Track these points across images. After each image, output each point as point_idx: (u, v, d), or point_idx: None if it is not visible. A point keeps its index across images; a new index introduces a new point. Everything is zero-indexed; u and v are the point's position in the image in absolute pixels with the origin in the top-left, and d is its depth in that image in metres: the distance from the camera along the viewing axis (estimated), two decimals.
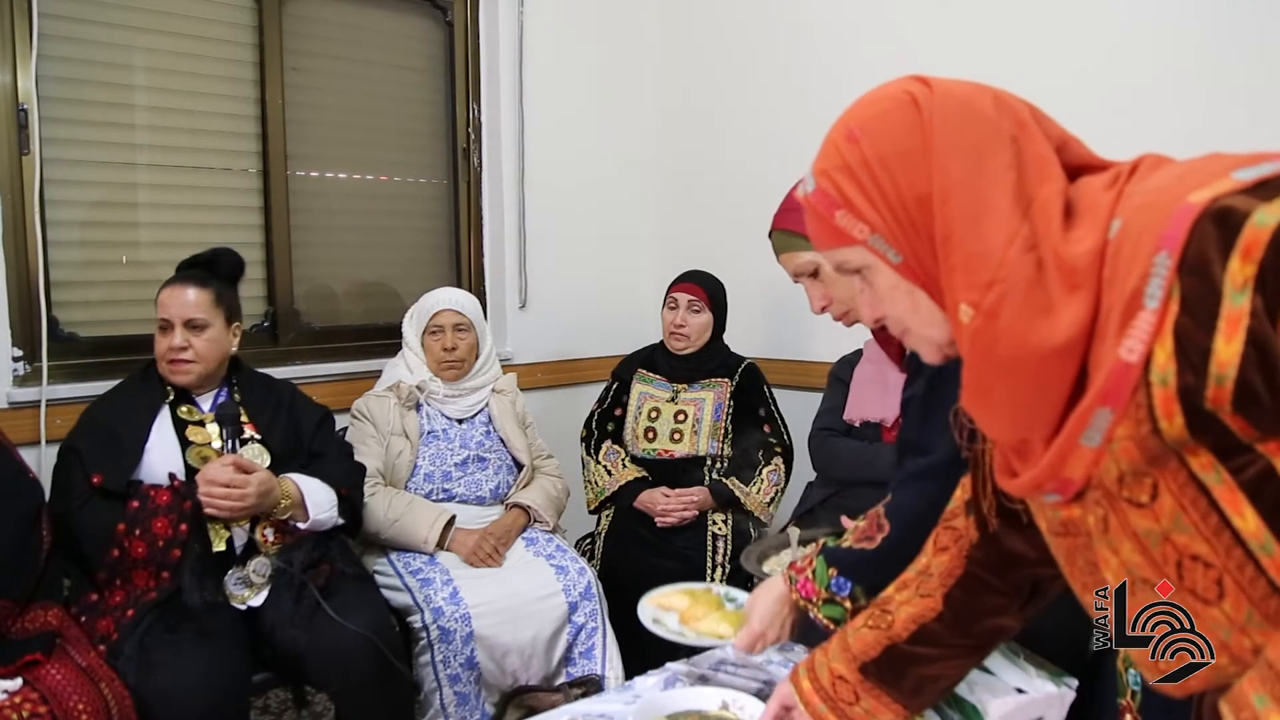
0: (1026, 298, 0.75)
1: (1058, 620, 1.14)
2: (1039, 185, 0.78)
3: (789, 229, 1.61)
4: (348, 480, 2.19)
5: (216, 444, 2.06)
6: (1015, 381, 0.76)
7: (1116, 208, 0.73)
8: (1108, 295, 0.70)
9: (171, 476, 1.96)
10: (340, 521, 2.15)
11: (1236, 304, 0.61)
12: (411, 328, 2.61)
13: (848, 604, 1.28)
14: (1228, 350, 0.62)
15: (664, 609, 1.60)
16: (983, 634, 1.09)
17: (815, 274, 1.59)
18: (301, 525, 2.06)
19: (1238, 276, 0.61)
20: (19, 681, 1.65)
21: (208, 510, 1.93)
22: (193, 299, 2.06)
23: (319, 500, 2.08)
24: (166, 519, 1.89)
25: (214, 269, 2.15)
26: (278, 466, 2.08)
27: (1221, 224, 0.62)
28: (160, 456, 2.00)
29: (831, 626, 1.30)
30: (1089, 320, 0.71)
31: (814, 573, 1.32)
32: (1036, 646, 1.27)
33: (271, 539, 2.06)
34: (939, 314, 0.84)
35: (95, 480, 1.93)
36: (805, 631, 1.52)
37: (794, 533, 1.63)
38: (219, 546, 2.00)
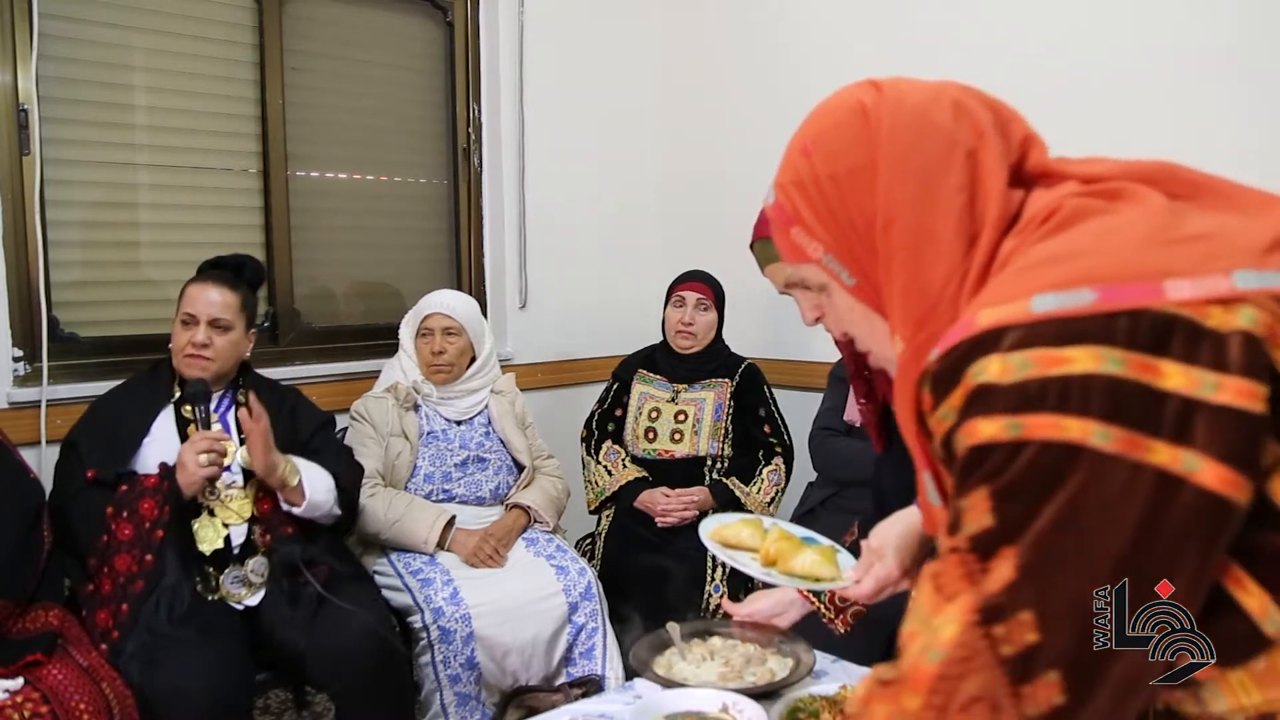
0: None
1: None
2: (987, 210, 0.75)
3: (770, 238, 1.60)
4: (345, 472, 2.19)
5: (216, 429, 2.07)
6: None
7: (1006, 265, 0.72)
8: None
9: (162, 465, 1.96)
10: (337, 512, 2.15)
11: (944, 420, 0.67)
12: (406, 329, 2.60)
13: None
14: (934, 443, 0.70)
15: (732, 547, 1.44)
16: None
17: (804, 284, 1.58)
18: (297, 510, 2.05)
19: (952, 404, 0.66)
20: (20, 681, 1.66)
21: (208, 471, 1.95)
22: (221, 299, 2.09)
23: (316, 481, 2.08)
24: (153, 500, 1.90)
25: (240, 273, 2.17)
26: None
27: (970, 353, 0.65)
28: (159, 452, 2.01)
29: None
30: None
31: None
32: None
33: (268, 537, 2.06)
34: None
35: (89, 475, 1.94)
36: (805, 629, 1.52)
37: (674, 628, 1.54)
38: (217, 545, 2.00)
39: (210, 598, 1.99)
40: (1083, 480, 0.59)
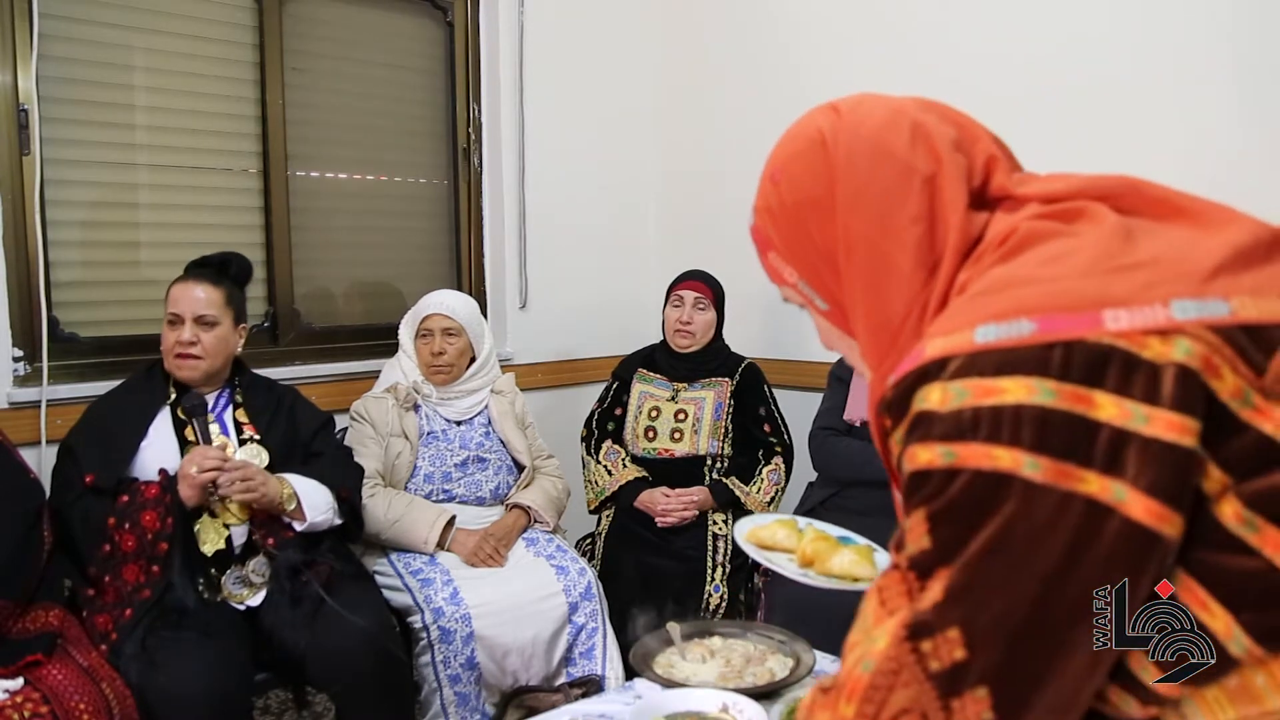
0: None
1: None
2: (947, 238, 0.74)
3: None
4: (346, 482, 2.19)
5: (217, 444, 2.06)
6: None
7: (963, 293, 0.72)
8: None
9: (162, 472, 1.96)
10: (338, 522, 2.15)
11: (899, 444, 0.69)
12: (406, 330, 2.60)
13: None
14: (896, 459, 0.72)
15: (767, 548, 1.44)
16: None
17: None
18: (298, 526, 2.06)
19: (901, 430, 0.68)
20: (20, 681, 1.66)
21: (221, 493, 1.95)
22: (204, 296, 2.07)
23: (315, 502, 2.07)
24: (154, 511, 1.89)
25: (225, 270, 2.16)
26: (275, 468, 2.08)
27: (917, 381, 0.67)
28: (157, 455, 2.01)
29: None
30: None
31: None
32: None
33: (270, 540, 2.06)
34: None
35: (88, 479, 1.93)
36: (805, 628, 1.52)
37: (674, 628, 1.52)
38: (219, 545, 2.00)
39: (214, 599, 1.98)
40: (1014, 509, 0.61)
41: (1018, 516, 0.60)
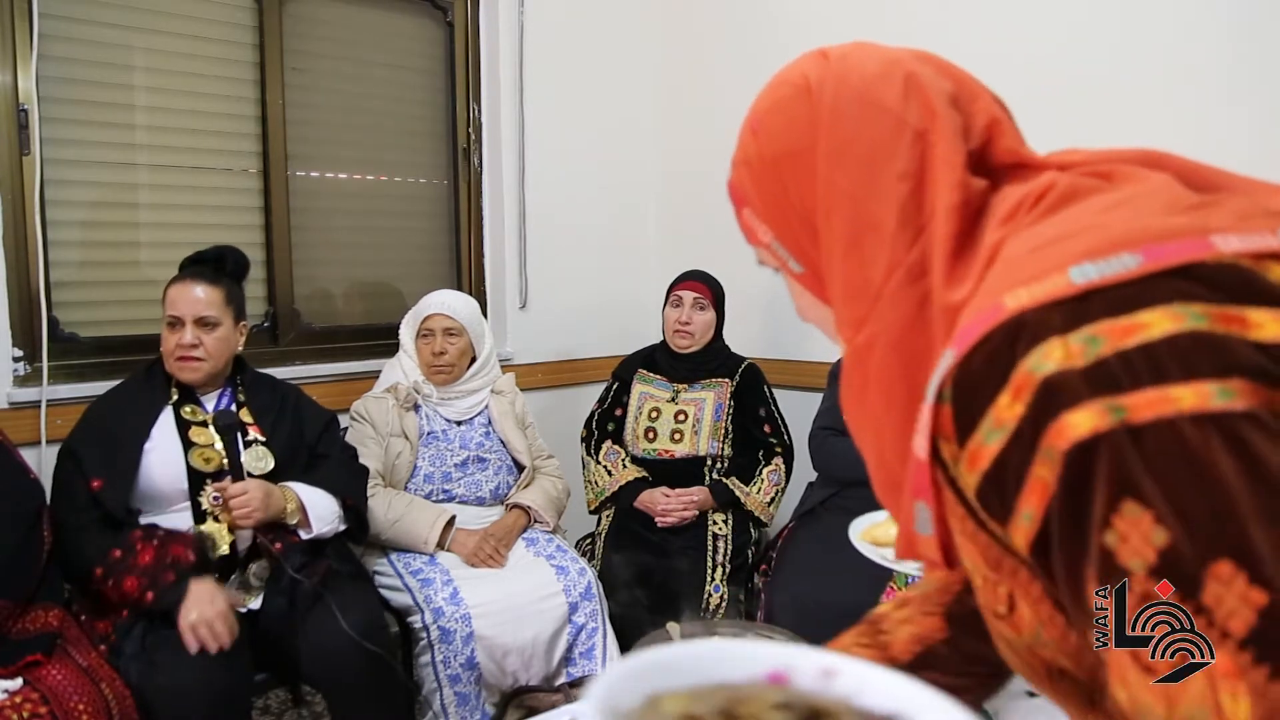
0: (901, 341, 0.65)
1: None
2: (938, 199, 0.65)
3: None
4: (352, 488, 2.18)
5: (219, 445, 2.05)
6: (881, 434, 0.68)
7: (997, 255, 0.62)
8: None
9: (179, 548, 1.88)
10: (342, 528, 2.14)
11: (989, 442, 0.55)
12: (407, 330, 2.60)
13: None
14: (969, 476, 0.57)
15: (884, 545, 1.37)
16: (994, 655, 1.01)
17: None
18: (304, 535, 2.06)
19: (1004, 413, 0.54)
20: (20, 681, 1.65)
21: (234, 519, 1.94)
22: (204, 296, 2.04)
23: (321, 512, 2.07)
24: (138, 581, 1.82)
25: (221, 267, 2.13)
26: (280, 470, 2.08)
27: (1011, 344, 0.54)
28: (162, 458, 2.00)
29: None
30: None
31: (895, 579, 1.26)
32: None
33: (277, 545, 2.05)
34: None
35: (95, 485, 1.91)
36: (790, 619, 1.52)
37: (674, 628, 1.49)
38: (222, 551, 1.99)
39: None
40: (1231, 446, 0.48)
41: (1244, 453, 0.47)
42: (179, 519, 1.98)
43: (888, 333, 0.65)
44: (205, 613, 1.78)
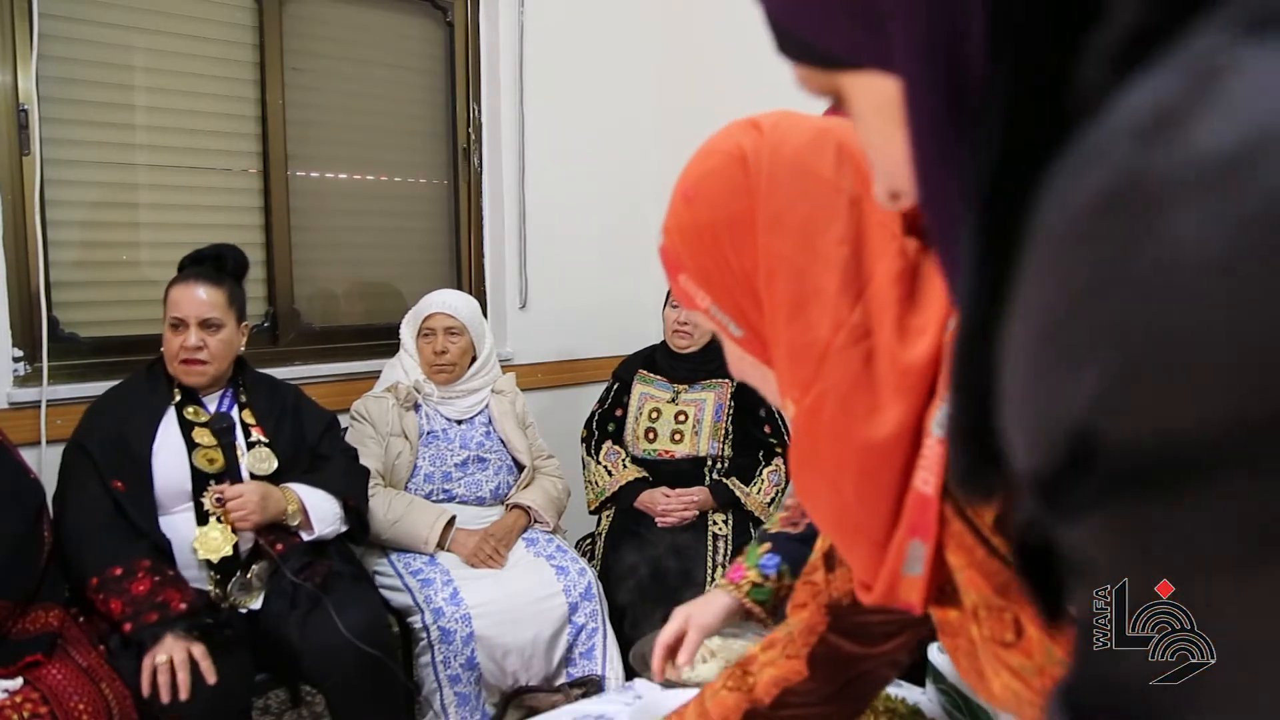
0: (849, 398, 0.66)
1: None
2: (878, 261, 0.66)
3: None
4: (353, 489, 2.18)
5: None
6: (839, 490, 0.68)
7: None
8: (937, 404, 0.62)
9: (181, 601, 1.84)
10: (343, 529, 2.15)
11: None
12: (408, 329, 2.61)
13: (774, 582, 1.23)
14: (987, 508, 0.59)
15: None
16: (856, 688, 1.00)
17: None
18: (306, 536, 2.06)
19: None
20: (20, 681, 1.65)
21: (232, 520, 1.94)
22: (208, 298, 2.03)
23: (323, 514, 2.07)
24: (124, 608, 1.80)
25: (222, 266, 2.12)
26: (282, 470, 2.08)
27: None
28: (167, 459, 1.99)
29: (757, 610, 1.25)
30: (915, 424, 0.63)
31: (746, 555, 1.28)
32: None
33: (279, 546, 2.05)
34: None
35: (118, 485, 1.90)
36: None
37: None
38: (225, 551, 1.99)
39: (221, 605, 1.97)
40: None
41: None
42: (182, 520, 1.98)
43: (836, 390, 0.66)
44: (176, 656, 1.74)
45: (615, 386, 2.88)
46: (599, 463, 2.77)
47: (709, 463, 2.75)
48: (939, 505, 0.62)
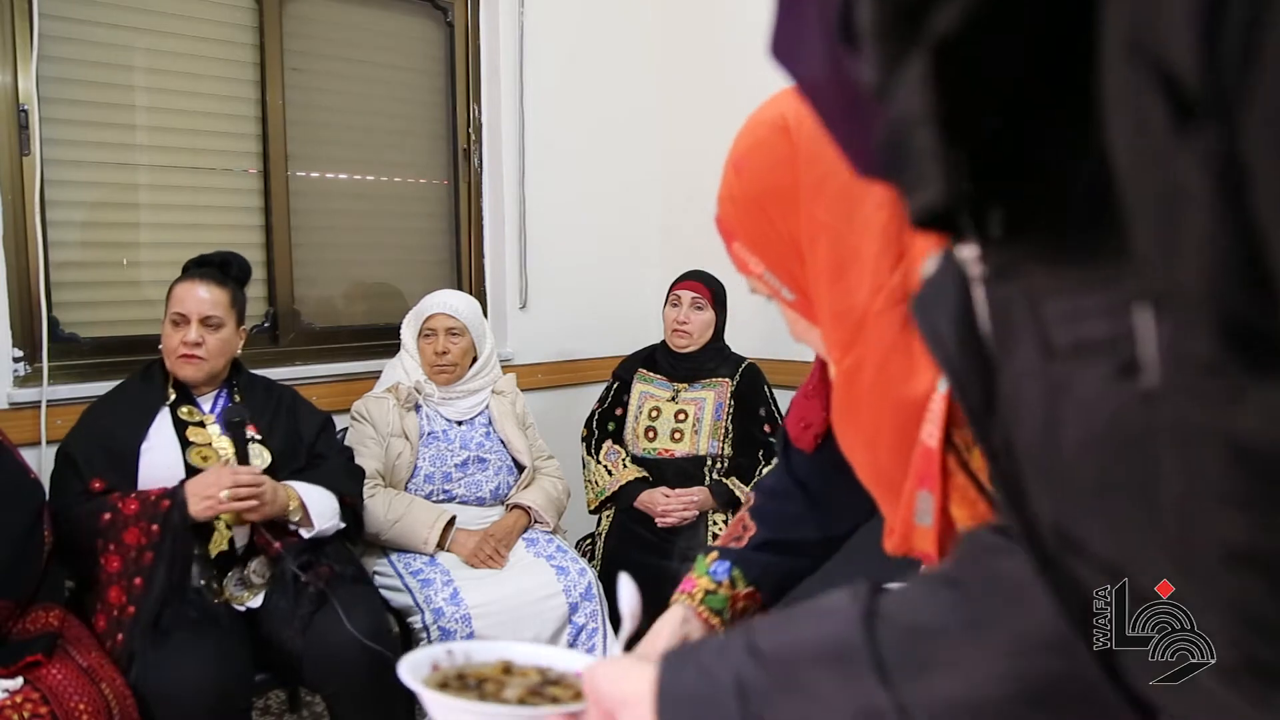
0: (887, 360, 0.68)
1: None
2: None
3: None
4: (349, 487, 2.19)
5: (218, 445, 2.05)
6: (875, 447, 0.71)
7: None
8: None
9: (170, 490, 1.91)
10: (341, 526, 2.15)
11: None
12: (409, 330, 2.60)
13: (727, 589, 1.23)
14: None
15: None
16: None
17: None
18: (305, 533, 2.06)
19: None
20: (20, 681, 1.66)
21: (233, 511, 1.92)
22: (210, 297, 2.07)
23: (322, 510, 2.07)
24: (137, 528, 1.85)
25: (226, 270, 2.16)
26: (277, 469, 2.08)
27: None
28: (160, 458, 2.00)
29: (714, 620, 1.26)
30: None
31: (695, 567, 1.27)
32: None
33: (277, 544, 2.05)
34: None
35: (97, 485, 1.92)
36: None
37: None
38: (222, 547, 2.00)
39: (215, 600, 1.98)
40: None
41: None
42: None
43: (873, 354, 0.68)
44: (219, 484, 1.85)
45: (615, 385, 2.88)
46: (599, 462, 2.77)
47: (709, 462, 2.75)
48: (942, 457, 0.64)
